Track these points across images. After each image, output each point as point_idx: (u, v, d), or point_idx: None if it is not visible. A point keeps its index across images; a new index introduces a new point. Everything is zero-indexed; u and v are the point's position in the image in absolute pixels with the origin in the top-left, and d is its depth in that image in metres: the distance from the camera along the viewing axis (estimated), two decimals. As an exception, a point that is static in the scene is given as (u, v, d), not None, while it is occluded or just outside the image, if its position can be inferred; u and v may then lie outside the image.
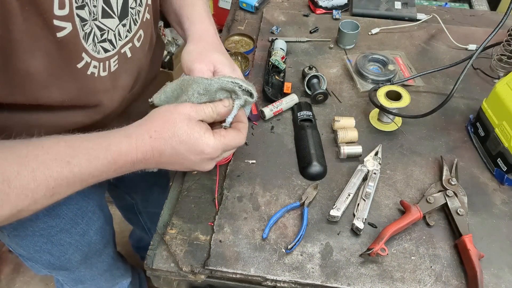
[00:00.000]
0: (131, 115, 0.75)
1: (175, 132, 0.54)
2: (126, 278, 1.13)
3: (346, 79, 0.97)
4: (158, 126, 0.54)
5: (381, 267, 0.66)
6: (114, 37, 0.56)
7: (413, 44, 1.07)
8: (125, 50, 0.60)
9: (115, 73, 0.59)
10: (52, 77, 0.50)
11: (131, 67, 0.63)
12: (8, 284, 1.63)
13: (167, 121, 0.54)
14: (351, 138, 0.82)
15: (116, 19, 0.55)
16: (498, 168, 0.76)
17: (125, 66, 0.61)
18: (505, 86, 0.75)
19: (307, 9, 1.20)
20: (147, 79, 0.76)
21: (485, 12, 1.23)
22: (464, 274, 0.65)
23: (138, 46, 0.63)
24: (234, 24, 1.14)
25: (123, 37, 0.58)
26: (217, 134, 0.56)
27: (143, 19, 0.62)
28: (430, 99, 0.93)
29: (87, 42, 0.52)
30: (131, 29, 0.59)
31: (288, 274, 0.65)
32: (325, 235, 0.69)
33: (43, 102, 0.53)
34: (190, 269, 0.65)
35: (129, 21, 0.58)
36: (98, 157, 0.51)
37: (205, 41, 0.66)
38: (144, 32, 0.64)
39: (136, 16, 0.60)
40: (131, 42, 0.61)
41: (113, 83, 0.59)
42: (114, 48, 0.57)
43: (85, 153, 0.50)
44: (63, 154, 0.49)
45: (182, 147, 0.54)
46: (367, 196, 0.72)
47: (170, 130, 0.54)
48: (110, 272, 1.03)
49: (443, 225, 0.71)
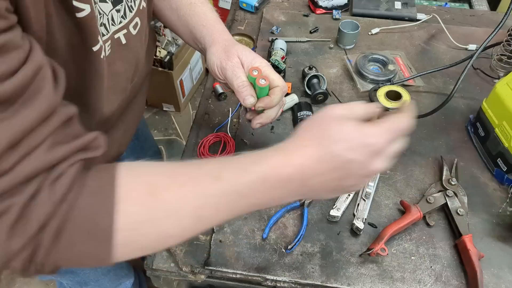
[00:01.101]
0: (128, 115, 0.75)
1: (326, 134, 0.46)
2: (130, 278, 1.13)
3: (346, 79, 0.97)
4: (306, 134, 0.48)
5: (381, 267, 0.66)
6: (108, 22, 0.56)
7: (413, 44, 1.07)
8: (119, 36, 0.60)
9: (109, 58, 0.58)
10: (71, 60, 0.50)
11: (127, 54, 0.63)
12: (8, 284, 1.63)
13: (316, 128, 0.48)
14: (351, 138, 0.81)
15: (109, 4, 0.55)
16: (498, 168, 0.76)
17: (119, 53, 0.61)
18: (505, 86, 0.75)
19: (307, 9, 1.20)
20: (145, 72, 0.76)
21: (485, 12, 1.23)
22: (464, 274, 0.65)
23: (135, 34, 0.63)
24: (234, 24, 1.14)
25: (116, 23, 0.58)
26: (373, 122, 0.47)
27: (140, 7, 0.62)
28: (430, 99, 0.93)
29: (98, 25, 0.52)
30: (126, 16, 0.59)
31: (288, 274, 0.65)
32: (325, 235, 0.69)
33: None
34: (190, 269, 0.66)
35: (123, 7, 0.58)
36: (246, 170, 0.45)
37: (223, 39, 0.69)
38: (141, 20, 0.63)
39: (132, 3, 0.60)
40: (126, 28, 0.60)
41: (108, 68, 0.59)
42: (108, 33, 0.57)
43: (234, 167, 0.45)
44: (213, 170, 0.45)
45: (341, 147, 0.44)
46: (367, 196, 0.72)
47: (321, 135, 0.46)
48: (114, 272, 1.03)
49: (443, 225, 0.71)
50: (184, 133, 2.17)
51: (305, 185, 0.46)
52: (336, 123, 0.46)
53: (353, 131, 0.45)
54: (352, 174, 0.46)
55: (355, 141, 0.44)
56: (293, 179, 0.45)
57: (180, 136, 2.17)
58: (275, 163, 0.45)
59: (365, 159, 0.45)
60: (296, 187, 0.46)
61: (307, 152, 0.45)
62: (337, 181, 0.46)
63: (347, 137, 0.45)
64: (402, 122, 0.47)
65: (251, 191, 0.45)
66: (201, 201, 0.43)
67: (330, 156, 0.45)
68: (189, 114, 2.27)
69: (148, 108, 2.28)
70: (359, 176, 0.47)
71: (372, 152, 0.45)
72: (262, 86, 0.63)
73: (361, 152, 0.44)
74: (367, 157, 0.45)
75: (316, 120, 0.48)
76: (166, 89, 2.10)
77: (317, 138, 0.46)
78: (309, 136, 0.47)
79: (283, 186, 0.45)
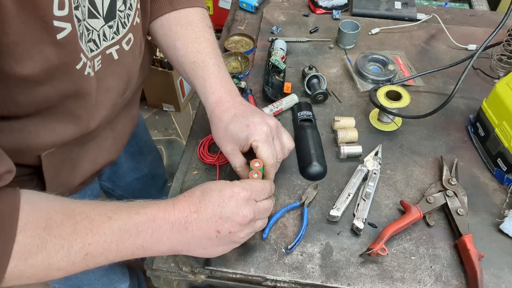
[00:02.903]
0: (118, 124, 0.75)
1: (204, 188, 0.57)
2: (124, 282, 1.12)
3: (346, 79, 0.97)
4: (189, 190, 0.58)
5: (381, 267, 0.66)
6: (98, 38, 0.56)
7: (413, 44, 1.07)
8: (111, 51, 0.59)
9: (99, 73, 0.58)
10: (50, 78, 0.50)
11: (119, 69, 0.63)
12: (8, 284, 1.63)
13: (197, 187, 0.58)
14: (351, 138, 0.82)
15: (101, 20, 0.55)
16: (498, 168, 0.76)
17: (111, 68, 0.60)
18: (505, 86, 0.75)
19: (307, 9, 1.20)
20: (137, 85, 0.75)
21: (485, 12, 1.23)
22: (464, 274, 0.65)
23: (127, 49, 0.62)
24: (234, 24, 1.14)
25: (108, 39, 0.57)
26: (240, 180, 0.60)
27: (133, 23, 0.62)
28: (430, 99, 0.93)
29: (82, 42, 0.52)
30: (119, 32, 0.59)
31: (288, 274, 0.65)
32: (325, 235, 0.69)
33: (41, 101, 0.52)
34: (190, 269, 0.66)
35: (116, 24, 0.58)
36: (138, 212, 0.52)
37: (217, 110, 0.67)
38: (134, 36, 0.63)
39: (125, 19, 0.60)
40: (119, 44, 0.60)
41: (99, 83, 0.58)
42: (98, 48, 0.56)
43: (126, 209, 0.52)
44: (107, 210, 0.50)
45: (214, 195, 0.55)
46: (367, 196, 0.72)
47: (200, 188, 0.57)
48: (107, 277, 1.02)
49: (443, 225, 0.71)
50: (184, 133, 2.17)
51: (187, 230, 0.54)
52: (213, 182, 0.58)
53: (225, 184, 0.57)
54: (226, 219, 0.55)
55: (225, 191, 0.56)
56: (176, 222, 0.53)
57: (180, 136, 2.17)
58: (163, 206, 0.54)
59: (233, 205, 0.55)
60: (180, 231, 0.53)
61: (187, 199, 0.55)
62: (214, 226, 0.55)
63: (220, 188, 0.56)
64: (264, 184, 0.60)
65: (139, 231, 0.51)
66: (92, 238, 0.48)
67: (205, 203, 0.55)
68: (189, 114, 2.27)
69: (148, 108, 2.28)
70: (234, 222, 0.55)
71: (239, 199, 0.56)
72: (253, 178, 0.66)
73: (230, 200, 0.55)
74: (235, 204, 0.55)
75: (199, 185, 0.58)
76: (166, 89, 2.10)
77: (196, 190, 0.57)
78: (190, 191, 0.57)
79: (168, 229, 0.53)
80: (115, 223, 0.50)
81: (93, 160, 0.72)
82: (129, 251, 0.51)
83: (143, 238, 0.51)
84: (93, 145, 0.70)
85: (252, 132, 0.63)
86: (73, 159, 0.67)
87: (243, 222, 0.56)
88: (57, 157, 0.61)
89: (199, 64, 0.70)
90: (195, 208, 0.54)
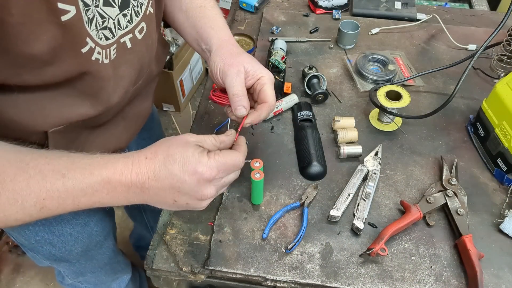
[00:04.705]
0: (130, 113, 0.75)
1: (169, 153, 0.52)
2: (127, 273, 1.14)
3: (346, 79, 0.97)
4: (155, 148, 0.54)
5: (381, 267, 0.66)
6: (114, 26, 0.57)
7: (413, 44, 1.07)
8: (125, 40, 0.61)
9: (114, 62, 0.60)
10: (57, 59, 0.51)
11: (132, 58, 0.64)
12: (8, 284, 1.63)
13: (164, 144, 0.54)
14: (351, 138, 0.82)
15: (116, 9, 0.56)
16: (498, 168, 0.76)
17: (124, 57, 0.62)
18: (505, 86, 0.75)
19: (307, 9, 1.20)
20: (150, 76, 0.76)
21: (485, 12, 1.23)
22: (464, 274, 0.65)
23: (140, 38, 0.64)
24: (234, 24, 1.14)
25: (122, 27, 0.59)
26: (211, 153, 0.55)
27: (146, 12, 0.63)
28: (430, 99, 0.93)
29: (91, 27, 0.52)
30: (132, 20, 0.60)
31: (288, 274, 0.65)
32: (325, 235, 0.69)
33: (49, 81, 0.53)
34: (190, 269, 0.66)
35: (130, 12, 0.59)
36: (93, 173, 0.50)
37: (231, 44, 0.68)
38: (147, 25, 0.64)
39: (138, 8, 0.61)
40: (132, 33, 0.61)
41: (114, 71, 0.60)
42: (114, 37, 0.58)
43: (82, 168, 0.50)
44: (61, 166, 0.49)
45: (176, 167, 0.51)
46: (367, 196, 0.72)
47: (165, 151, 0.53)
48: (110, 266, 1.03)
49: (443, 225, 0.71)
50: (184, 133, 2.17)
51: (144, 193, 0.52)
52: (180, 146, 0.53)
53: (190, 156, 0.52)
54: (184, 193, 0.52)
55: (189, 165, 0.51)
56: (132, 186, 0.51)
57: (180, 136, 2.17)
58: (120, 169, 0.51)
59: (196, 184, 0.52)
60: (137, 193, 0.52)
61: (148, 163, 0.52)
62: (171, 196, 0.53)
63: (183, 160, 0.52)
64: (234, 159, 0.55)
65: (94, 191, 0.50)
66: (46, 194, 0.48)
67: (165, 172, 0.51)
68: (189, 114, 2.27)
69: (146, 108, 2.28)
70: (192, 198, 0.53)
71: (202, 180, 0.52)
72: (256, 179, 0.66)
73: (193, 177, 0.51)
74: (197, 183, 0.52)
75: (169, 140, 0.55)
76: (166, 89, 2.10)
77: (160, 153, 0.52)
78: (155, 151, 0.53)
79: (125, 190, 0.51)
80: (68, 181, 0.49)
81: (102, 146, 0.72)
82: (87, 205, 0.52)
83: (99, 196, 0.51)
84: (103, 131, 0.70)
85: (262, 69, 0.64)
86: (81, 142, 0.67)
87: (202, 198, 0.54)
88: (64, 138, 0.62)
89: (207, 8, 0.73)
90: (153, 175, 0.51)
